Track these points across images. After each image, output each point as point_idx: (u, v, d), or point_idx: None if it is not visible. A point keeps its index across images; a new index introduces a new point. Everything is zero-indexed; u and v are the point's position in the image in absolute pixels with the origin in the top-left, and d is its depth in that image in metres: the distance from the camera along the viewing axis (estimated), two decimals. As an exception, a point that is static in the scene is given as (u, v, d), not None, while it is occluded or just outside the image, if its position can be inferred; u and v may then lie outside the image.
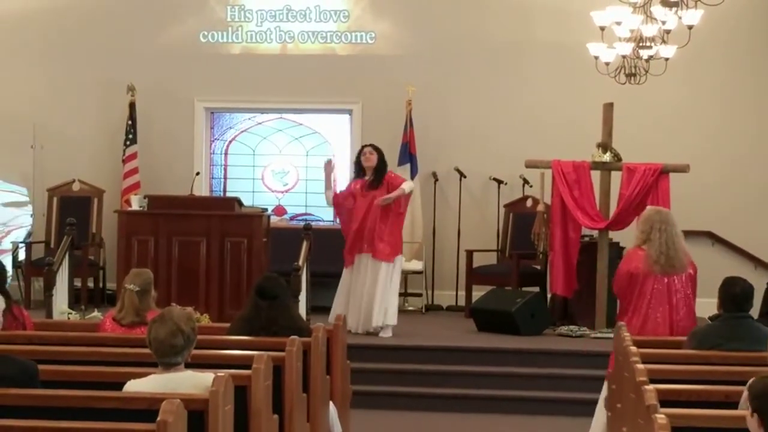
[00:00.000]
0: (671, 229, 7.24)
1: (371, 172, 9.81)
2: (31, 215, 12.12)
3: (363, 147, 9.97)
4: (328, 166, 9.95)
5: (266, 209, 10.77)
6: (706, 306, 7.58)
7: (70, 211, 11.16)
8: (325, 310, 9.97)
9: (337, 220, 12.29)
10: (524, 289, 10.70)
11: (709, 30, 10.59)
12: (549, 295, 10.54)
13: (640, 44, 9.98)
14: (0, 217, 12.10)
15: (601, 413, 6.98)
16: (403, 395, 8.87)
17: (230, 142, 12.53)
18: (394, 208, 9.72)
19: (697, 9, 9.19)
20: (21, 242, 11.73)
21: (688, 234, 8.22)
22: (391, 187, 9.72)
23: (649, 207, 8.05)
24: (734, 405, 4.61)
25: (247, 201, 11.20)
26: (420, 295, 11.70)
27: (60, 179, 12.02)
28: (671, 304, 7.23)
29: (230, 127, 12.56)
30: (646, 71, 10.24)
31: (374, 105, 12.03)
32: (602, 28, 9.88)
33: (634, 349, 5.77)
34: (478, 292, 10.91)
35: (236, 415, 4.63)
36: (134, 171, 11.86)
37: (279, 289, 6.38)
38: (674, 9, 9.12)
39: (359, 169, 9.89)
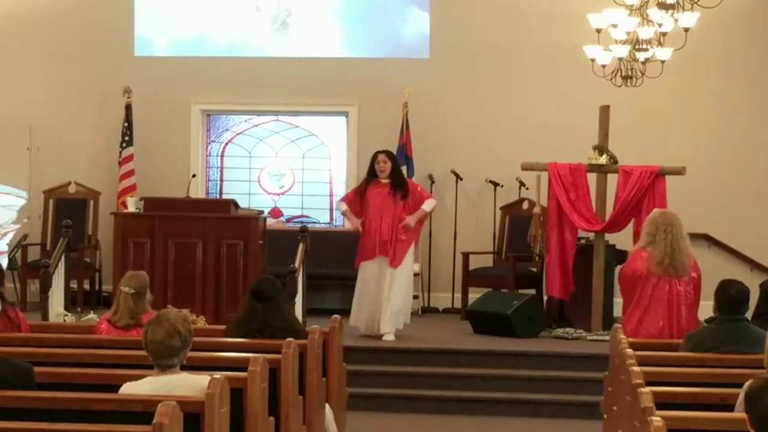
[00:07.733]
0: (677, 231, 7.26)
1: (386, 178, 9.69)
2: (27, 217, 12.10)
3: (377, 153, 9.77)
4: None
5: (262, 211, 10.75)
6: (703, 308, 7.57)
7: (66, 213, 11.14)
8: (322, 312, 9.95)
9: (334, 222, 12.33)
10: (520, 291, 10.71)
11: (705, 32, 10.60)
12: (545, 298, 10.54)
13: (637, 47, 9.99)
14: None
15: None
16: (399, 397, 8.86)
17: (226, 144, 12.51)
18: (416, 225, 9.71)
19: (693, 11, 9.19)
20: (17, 244, 11.71)
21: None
22: (416, 198, 9.64)
23: (655, 209, 8.08)
24: (730, 408, 4.61)
25: (243, 203, 11.19)
26: (416, 297, 11.66)
27: (56, 181, 12.00)
28: (671, 306, 7.23)
29: (226, 130, 12.55)
30: (643, 73, 10.25)
31: (371, 107, 12.02)
32: (598, 31, 9.90)
33: (630, 351, 5.78)
34: (475, 295, 10.91)
35: (232, 417, 4.62)
36: (130, 173, 11.84)
37: (274, 291, 6.39)
38: (670, 11, 9.12)
39: (372, 175, 9.74)
